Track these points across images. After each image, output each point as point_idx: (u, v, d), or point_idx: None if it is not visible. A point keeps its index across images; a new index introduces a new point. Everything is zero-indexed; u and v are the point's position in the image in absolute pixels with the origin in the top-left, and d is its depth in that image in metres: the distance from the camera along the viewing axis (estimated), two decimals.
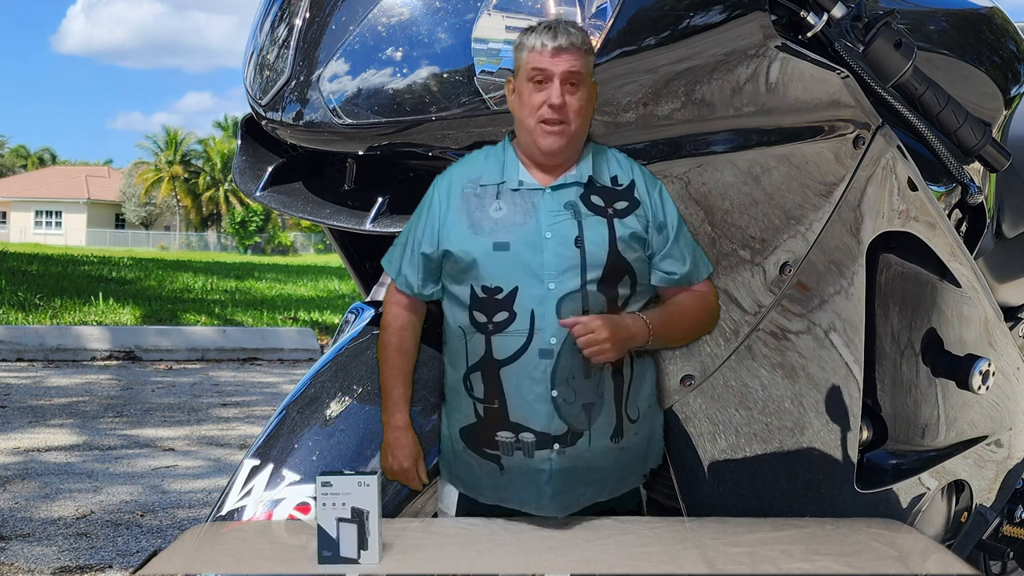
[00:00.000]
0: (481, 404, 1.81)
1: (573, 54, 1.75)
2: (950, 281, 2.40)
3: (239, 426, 6.19)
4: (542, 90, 1.75)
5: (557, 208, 1.79)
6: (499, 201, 1.80)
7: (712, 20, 1.88)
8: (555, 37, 1.75)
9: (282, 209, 2.11)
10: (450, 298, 1.84)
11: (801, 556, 1.73)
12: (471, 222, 1.80)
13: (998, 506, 2.70)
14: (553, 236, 1.77)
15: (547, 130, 1.76)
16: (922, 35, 2.39)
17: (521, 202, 1.80)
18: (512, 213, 1.79)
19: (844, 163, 2.08)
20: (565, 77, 1.75)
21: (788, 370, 2.10)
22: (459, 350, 1.83)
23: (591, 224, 1.78)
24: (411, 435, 1.88)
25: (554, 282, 1.76)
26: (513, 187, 1.80)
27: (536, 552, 1.73)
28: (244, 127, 2.22)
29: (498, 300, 1.77)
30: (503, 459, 1.82)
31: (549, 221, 1.78)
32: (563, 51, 1.74)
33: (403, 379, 1.89)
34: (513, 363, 1.78)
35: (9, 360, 8.37)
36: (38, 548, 3.70)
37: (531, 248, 1.77)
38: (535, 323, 1.76)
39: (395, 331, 1.90)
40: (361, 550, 1.67)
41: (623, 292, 1.80)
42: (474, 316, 1.79)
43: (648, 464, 1.94)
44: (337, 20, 1.94)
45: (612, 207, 1.80)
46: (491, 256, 1.77)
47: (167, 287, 13.90)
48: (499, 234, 1.78)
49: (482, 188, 1.81)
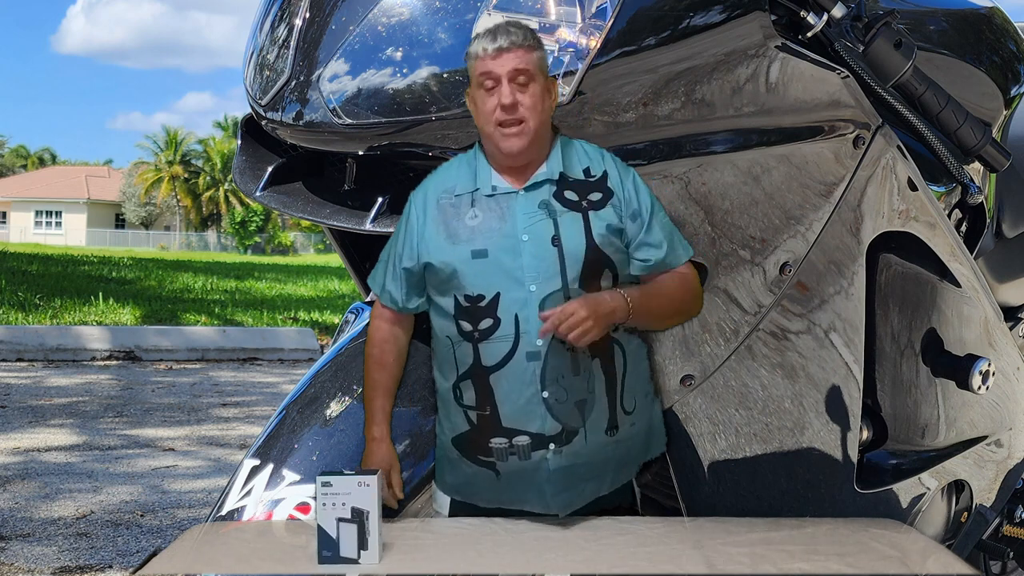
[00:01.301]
0: (473, 412, 1.81)
1: (515, 52, 1.75)
2: (950, 281, 2.40)
3: (239, 426, 6.19)
4: (493, 94, 1.76)
5: (532, 209, 1.78)
6: (474, 209, 1.80)
7: (712, 20, 1.88)
8: (495, 39, 1.75)
9: (282, 209, 2.11)
10: (435, 309, 1.84)
11: (801, 556, 1.73)
12: (448, 232, 1.80)
13: (998, 506, 2.70)
14: (530, 238, 1.77)
15: (505, 132, 1.76)
16: (922, 35, 2.39)
17: (496, 207, 1.79)
18: (488, 219, 1.79)
19: (844, 163, 2.08)
20: (512, 76, 1.75)
21: (788, 370, 2.10)
22: (448, 359, 1.83)
23: (566, 221, 1.78)
24: (386, 447, 1.88)
25: (535, 284, 1.76)
26: (487, 193, 1.80)
27: (536, 552, 1.73)
28: (244, 127, 2.22)
29: (481, 308, 1.77)
30: (498, 465, 1.82)
31: (525, 223, 1.77)
32: (504, 51, 1.74)
33: (382, 392, 1.89)
34: (502, 368, 1.77)
35: (9, 360, 8.37)
36: (38, 548, 3.70)
37: (509, 252, 1.76)
38: (520, 327, 1.76)
39: (376, 344, 1.91)
40: (361, 550, 1.67)
41: (605, 285, 1.79)
42: (460, 325, 1.79)
43: (650, 453, 1.94)
44: (337, 20, 1.94)
45: (586, 199, 1.79)
46: (470, 264, 1.78)
47: (167, 287, 13.90)
48: (476, 241, 1.78)
49: (456, 198, 1.81)
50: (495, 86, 1.75)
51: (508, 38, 1.75)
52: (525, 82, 1.75)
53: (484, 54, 1.75)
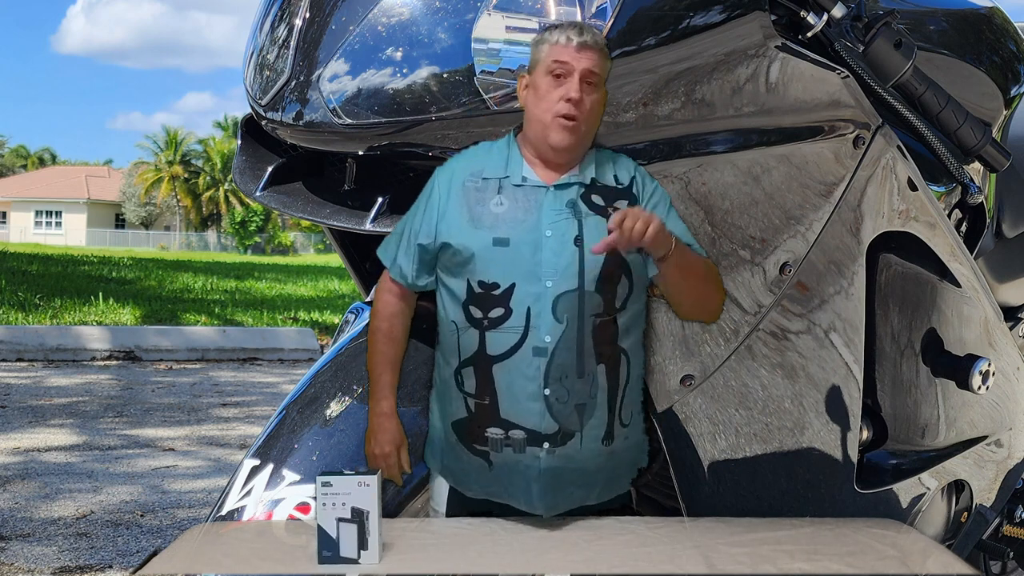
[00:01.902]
0: (472, 399, 1.81)
1: (597, 53, 1.76)
2: (950, 281, 2.40)
3: (239, 426, 6.19)
4: (560, 85, 1.75)
5: (559, 207, 1.78)
6: (500, 196, 1.80)
7: (712, 20, 1.88)
8: (581, 33, 1.75)
9: (282, 209, 2.11)
10: (445, 291, 1.83)
11: (801, 556, 1.73)
12: (471, 216, 1.79)
13: (998, 506, 2.70)
14: (553, 235, 1.77)
15: (563, 124, 1.75)
16: (922, 35, 2.39)
17: (523, 198, 1.79)
18: (514, 209, 1.79)
19: (844, 163, 2.08)
20: (585, 75, 1.75)
21: (788, 370, 2.10)
22: (452, 344, 1.83)
23: (591, 224, 1.78)
24: (395, 422, 1.87)
25: (551, 280, 1.76)
26: (516, 183, 1.80)
27: (536, 552, 1.73)
28: (244, 127, 2.22)
29: (495, 296, 1.77)
30: (492, 455, 1.81)
31: (550, 219, 1.77)
32: (587, 48, 1.75)
33: (390, 366, 1.89)
34: (506, 360, 1.77)
35: (9, 360, 8.37)
36: (38, 548, 3.70)
37: (531, 245, 1.76)
38: (531, 320, 1.76)
39: (385, 318, 1.90)
40: (361, 550, 1.67)
41: (621, 292, 1.79)
42: (469, 311, 1.79)
43: (634, 468, 1.93)
44: (337, 20, 1.94)
45: (612, 206, 1.79)
46: (490, 251, 1.77)
47: (167, 287, 13.90)
48: (499, 229, 1.78)
49: (483, 182, 1.81)
50: (566, 77, 1.75)
51: (594, 37, 1.76)
52: (593, 84, 1.76)
53: (567, 43, 1.75)
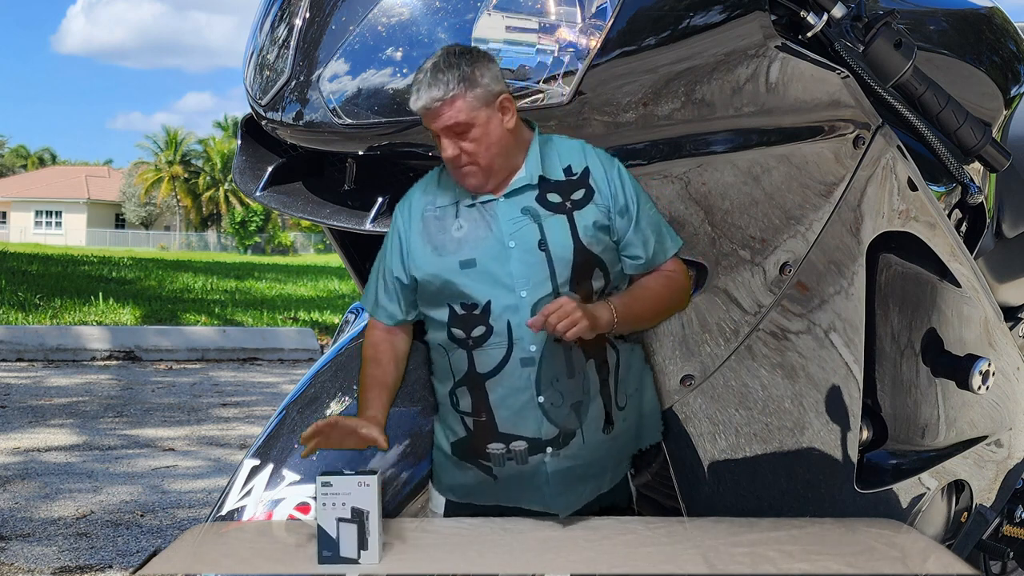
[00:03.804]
0: (469, 418, 1.81)
1: (444, 107, 1.71)
2: (950, 281, 2.40)
3: (239, 426, 6.19)
4: (438, 140, 1.75)
5: (515, 215, 1.78)
6: (459, 219, 1.80)
7: (712, 20, 1.88)
8: (418, 98, 1.72)
9: (282, 209, 2.11)
10: (428, 318, 1.84)
11: (801, 556, 1.73)
12: (434, 245, 1.80)
13: (998, 506, 2.70)
14: (517, 244, 1.76)
15: (460, 172, 1.77)
16: (922, 35, 2.39)
17: (479, 216, 1.79)
18: (474, 228, 1.79)
19: (844, 163, 2.08)
20: (446, 132, 1.74)
21: (788, 370, 2.10)
22: (443, 366, 1.83)
23: (551, 224, 1.77)
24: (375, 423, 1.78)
25: (525, 290, 1.75)
26: (468, 203, 1.80)
27: (536, 552, 1.73)
28: (244, 127, 2.22)
29: (475, 316, 1.77)
30: (495, 470, 1.82)
31: (510, 229, 1.77)
32: (430, 110, 1.72)
33: (376, 386, 1.84)
34: (497, 375, 1.77)
35: (9, 360, 8.37)
36: (38, 548, 3.70)
37: (497, 260, 1.76)
38: (512, 333, 1.75)
39: (371, 344, 1.89)
40: (361, 550, 1.68)
41: (596, 285, 1.79)
42: (453, 333, 1.79)
43: (643, 441, 1.92)
44: (337, 20, 1.94)
45: (570, 199, 1.79)
46: (459, 275, 1.77)
47: (167, 287, 13.91)
48: (464, 252, 1.78)
49: (440, 209, 1.81)
50: (436, 136, 1.75)
51: (429, 93, 1.71)
52: (463, 130, 1.73)
53: (418, 107, 1.73)
